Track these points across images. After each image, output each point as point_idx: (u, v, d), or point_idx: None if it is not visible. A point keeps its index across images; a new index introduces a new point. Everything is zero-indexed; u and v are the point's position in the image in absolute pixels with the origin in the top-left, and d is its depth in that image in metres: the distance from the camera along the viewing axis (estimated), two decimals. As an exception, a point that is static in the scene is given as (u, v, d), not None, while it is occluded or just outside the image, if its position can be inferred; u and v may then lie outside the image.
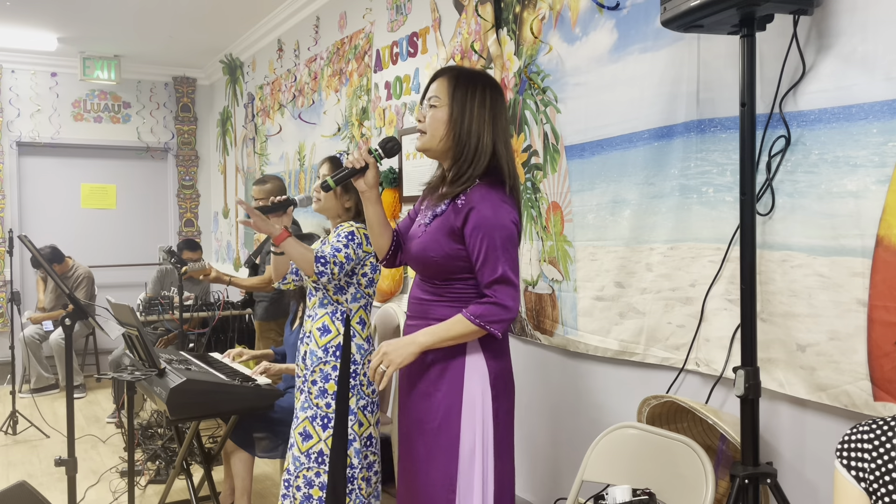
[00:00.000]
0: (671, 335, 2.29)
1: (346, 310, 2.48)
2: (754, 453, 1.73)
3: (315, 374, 2.44)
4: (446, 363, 1.90)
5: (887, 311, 1.69)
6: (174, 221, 7.46)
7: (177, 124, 7.40)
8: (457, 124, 1.87)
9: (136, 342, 2.92)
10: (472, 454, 1.87)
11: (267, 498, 3.68)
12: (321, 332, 2.46)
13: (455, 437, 1.87)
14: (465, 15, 3.31)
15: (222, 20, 5.61)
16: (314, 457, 2.41)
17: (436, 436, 1.90)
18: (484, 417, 1.88)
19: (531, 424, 2.99)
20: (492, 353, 1.91)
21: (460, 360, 1.89)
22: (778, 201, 1.95)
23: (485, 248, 1.80)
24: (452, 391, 1.88)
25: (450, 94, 1.89)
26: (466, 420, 1.87)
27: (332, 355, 2.43)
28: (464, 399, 1.87)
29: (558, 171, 2.73)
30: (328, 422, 2.41)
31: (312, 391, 2.44)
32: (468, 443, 1.87)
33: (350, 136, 4.47)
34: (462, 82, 1.90)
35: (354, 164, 1.95)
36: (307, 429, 2.43)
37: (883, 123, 1.70)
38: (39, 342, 5.93)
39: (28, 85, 6.72)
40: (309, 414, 2.44)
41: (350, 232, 2.48)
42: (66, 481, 2.34)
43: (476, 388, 1.88)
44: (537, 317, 2.88)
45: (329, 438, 2.41)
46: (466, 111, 1.87)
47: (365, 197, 1.99)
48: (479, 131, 1.86)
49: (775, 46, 1.93)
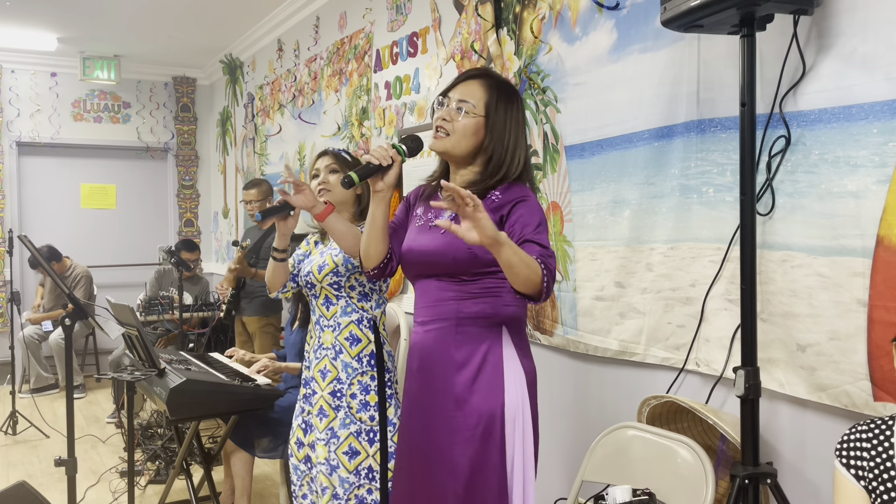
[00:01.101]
0: (671, 335, 2.29)
1: (371, 317, 2.32)
2: (754, 453, 1.72)
3: (353, 386, 2.26)
4: (479, 365, 1.80)
5: (887, 311, 1.69)
6: (174, 221, 7.46)
7: (177, 124, 7.40)
8: (493, 139, 1.85)
9: (135, 342, 2.92)
10: (514, 462, 1.79)
11: (267, 498, 3.68)
12: (351, 341, 2.28)
13: (501, 445, 1.77)
14: (465, 15, 3.31)
15: (222, 20, 5.61)
16: (364, 473, 2.23)
17: (481, 445, 1.77)
18: (525, 423, 1.80)
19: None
20: (524, 353, 1.85)
21: (497, 360, 1.80)
22: (778, 201, 1.95)
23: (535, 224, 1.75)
24: (492, 396, 1.78)
25: (486, 104, 1.84)
26: (510, 426, 1.78)
27: (368, 364, 2.28)
28: (506, 404, 1.78)
29: (558, 171, 2.73)
30: (374, 435, 2.24)
31: (353, 405, 2.25)
32: (511, 450, 1.78)
33: (350, 136, 4.47)
34: (502, 96, 1.86)
35: (381, 160, 1.80)
36: (353, 445, 2.23)
37: (883, 123, 1.70)
38: (39, 342, 5.93)
39: (28, 85, 6.72)
40: (353, 430, 2.24)
41: None
42: (66, 481, 2.34)
43: (517, 392, 1.80)
44: (537, 317, 2.88)
45: (377, 453, 2.24)
46: (507, 129, 1.85)
47: (378, 197, 1.84)
48: (514, 146, 1.86)
49: (775, 46, 1.93)
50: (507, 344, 1.82)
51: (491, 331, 1.82)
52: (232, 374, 2.93)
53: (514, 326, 1.85)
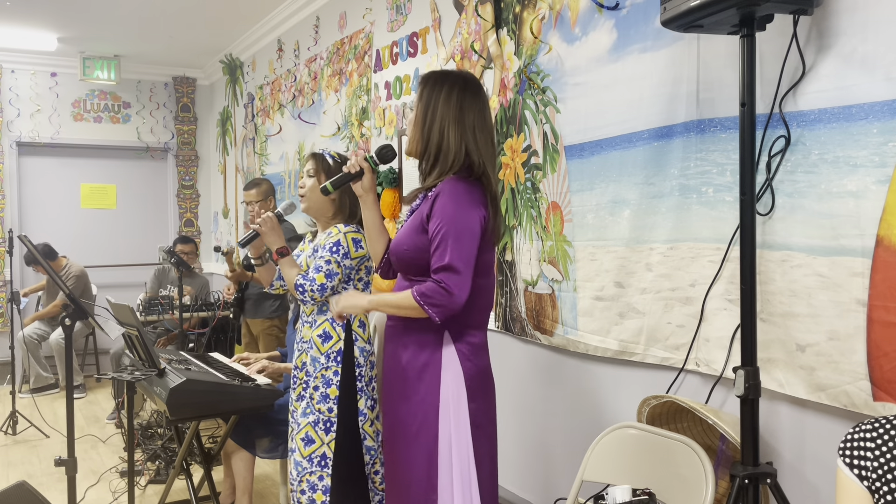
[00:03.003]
0: (671, 335, 2.29)
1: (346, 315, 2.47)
2: (754, 453, 1.72)
3: (317, 379, 2.43)
4: (423, 365, 1.91)
5: (887, 311, 1.69)
6: (174, 221, 7.46)
7: (177, 124, 7.39)
8: (422, 122, 1.93)
9: (136, 342, 2.92)
10: (450, 457, 1.87)
11: (267, 498, 3.68)
12: (322, 338, 2.44)
13: (434, 439, 1.88)
14: (464, 15, 3.31)
15: (222, 20, 5.61)
16: (317, 461, 2.42)
17: (415, 439, 1.91)
18: (459, 419, 1.88)
19: (531, 424, 2.99)
20: (467, 354, 1.92)
21: (436, 361, 1.90)
22: (778, 201, 1.95)
23: (440, 236, 1.83)
24: (430, 393, 1.90)
25: (419, 95, 1.96)
26: (444, 422, 1.88)
27: (334, 360, 2.43)
28: (440, 400, 1.88)
29: (558, 171, 2.73)
30: (331, 426, 2.42)
31: (314, 396, 2.44)
32: (446, 445, 1.87)
33: (350, 136, 4.47)
34: (430, 82, 1.96)
35: (350, 169, 2.06)
36: (309, 433, 2.43)
37: (883, 123, 1.70)
38: (38, 342, 5.93)
39: (28, 85, 6.72)
40: (311, 419, 2.43)
41: (336, 242, 2.43)
42: (66, 481, 2.34)
43: (451, 389, 1.88)
44: (537, 317, 2.88)
45: (332, 442, 2.41)
46: (430, 109, 1.92)
47: (362, 200, 2.10)
48: (442, 128, 1.90)
49: (775, 46, 1.93)
50: (448, 345, 1.91)
51: (434, 332, 1.91)
52: (232, 374, 2.93)
53: (458, 329, 1.92)
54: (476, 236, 1.85)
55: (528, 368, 2.98)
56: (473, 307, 1.90)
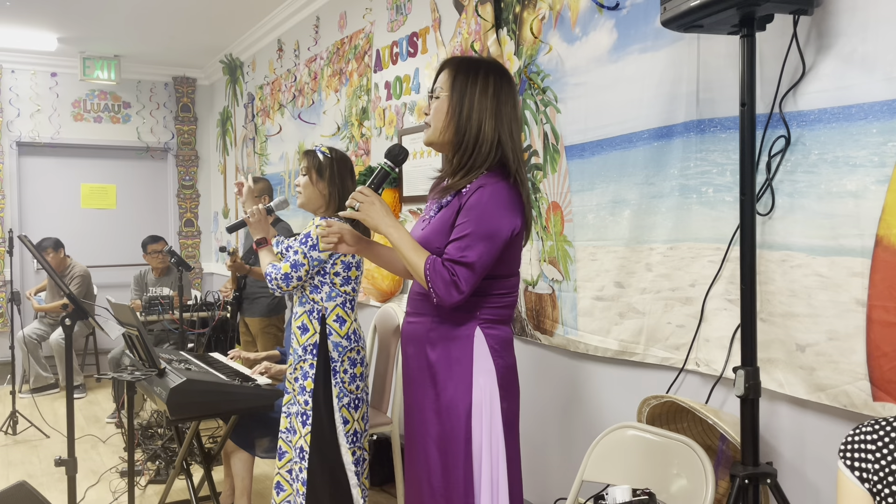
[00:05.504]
0: (671, 335, 2.29)
1: (321, 308, 2.49)
2: (754, 453, 1.73)
3: (297, 371, 2.51)
4: (452, 363, 1.84)
5: (886, 311, 1.69)
6: (174, 221, 7.46)
7: (177, 124, 7.40)
8: (456, 113, 1.82)
9: (136, 342, 2.92)
10: (481, 458, 1.80)
11: (267, 498, 3.68)
12: (301, 330, 2.51)
13: (468, 440, 1.80)
14: (465, 15, 3.31)
15: (222, 20, 5.61)
16: (297, 452, 2.50)
17: (448, 441, 1.82)
18: (493, 419, 1.81)
19: (531, 424, 2.99)
20: (498, 351, 1.85)
21: (467, 358, 1.82)
22: (778, 201, 1.95)
23: (471, 228, 1.74)
24: (461, 392, 1.81)
25: (450, 83, 1.84)
26: (476, 422, 1.80)
27: (310, 353, 2.49)
28: (473, 400, 1.81)
29: (558, 171, 2.73)
30: (307, 418, 2.48)
31: (295, 388, 2.52)
32: (478, 446, 1.80)
33: (350, 137, 4.47)
34: (463, 70, 1.84)
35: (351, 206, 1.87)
36: (293, 424, 2.52)
37: (883, 123, 1.70)
38: (38, 342, 5.93)
39: (28, 85, 6.72)
40: (293, 410, 2.53)
41: (307, 234, 2.48)
42: (66, 481, 2.34)
43: (485, 387, 1.81)
44: (537, 317, 2.88)
45: (308, 435, 2.47)
46: (466, 99, 1.81)
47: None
48: (479, 119, 1.80)
49: (775, 46, 1.93)
50: (480, 342, 1.83)
51: (464, 328, 1.84)
52: (232, 374, 2.93)
53: (490, 325, 1.85)
54: (502, 242, 1.78)
55: (529, 368, 2.98)
56: (504, 303, 1.86)
